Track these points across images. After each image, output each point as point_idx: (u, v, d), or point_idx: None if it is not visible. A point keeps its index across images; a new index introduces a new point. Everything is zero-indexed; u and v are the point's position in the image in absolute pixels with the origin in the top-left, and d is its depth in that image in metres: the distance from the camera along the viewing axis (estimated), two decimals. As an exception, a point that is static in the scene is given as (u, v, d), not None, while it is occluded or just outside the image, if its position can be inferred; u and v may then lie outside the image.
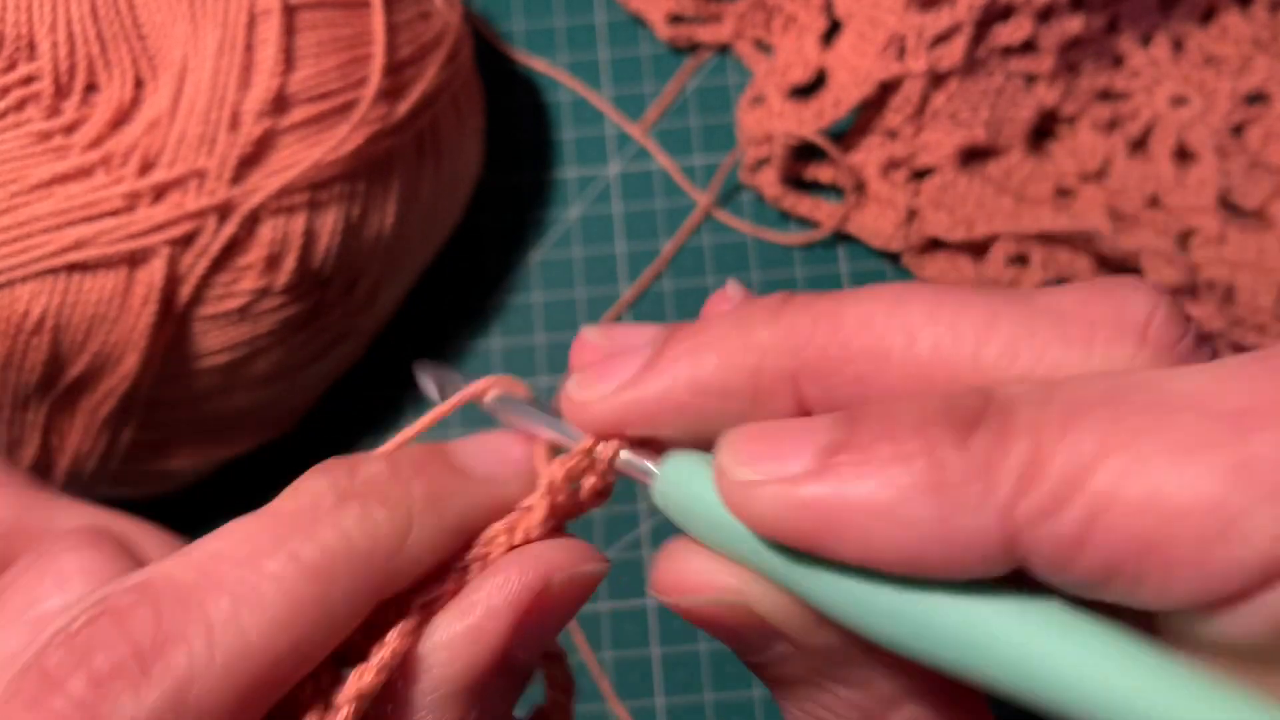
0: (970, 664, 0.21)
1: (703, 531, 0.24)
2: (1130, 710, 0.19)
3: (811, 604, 0.23)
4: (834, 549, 0.22)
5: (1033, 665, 0.20)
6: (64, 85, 0.46)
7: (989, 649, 0.21)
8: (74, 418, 0.47)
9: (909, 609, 0.21)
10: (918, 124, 0.58)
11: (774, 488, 0.22)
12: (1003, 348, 0.23)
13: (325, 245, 0.48)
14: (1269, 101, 0.58)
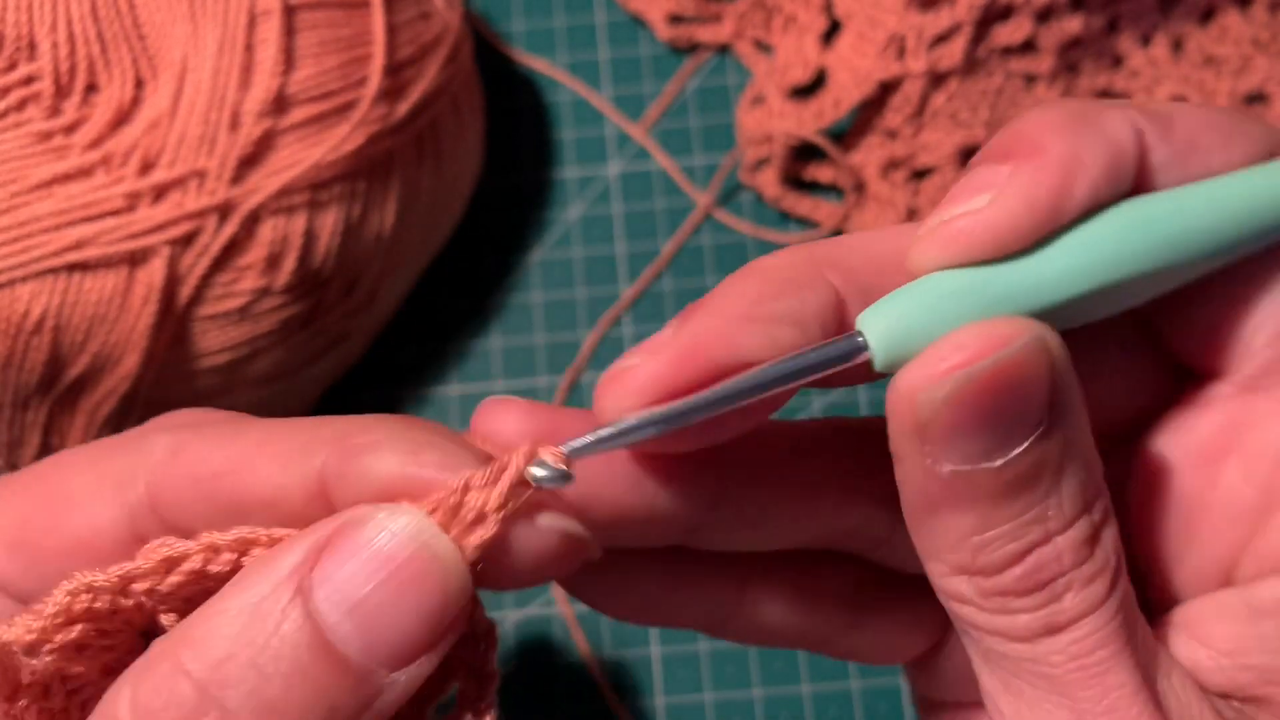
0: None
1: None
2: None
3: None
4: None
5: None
6: (64, 85, 0.46)
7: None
8: (74, 417, 0.47)
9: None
10: (917, 124, 0.58)
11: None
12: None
13: (325, 245, 0.48)
14: (1268, 102, 0.58)
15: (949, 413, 0.23)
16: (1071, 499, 0.24)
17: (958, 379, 0.23)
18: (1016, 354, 0.23)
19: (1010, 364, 0.23)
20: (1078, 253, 0.24)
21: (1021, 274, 0.24)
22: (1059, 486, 0.24)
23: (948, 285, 0.24)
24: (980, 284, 0.24)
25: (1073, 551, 0.24)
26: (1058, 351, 0.23)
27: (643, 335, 0.58)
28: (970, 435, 0.23)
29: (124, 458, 0.26)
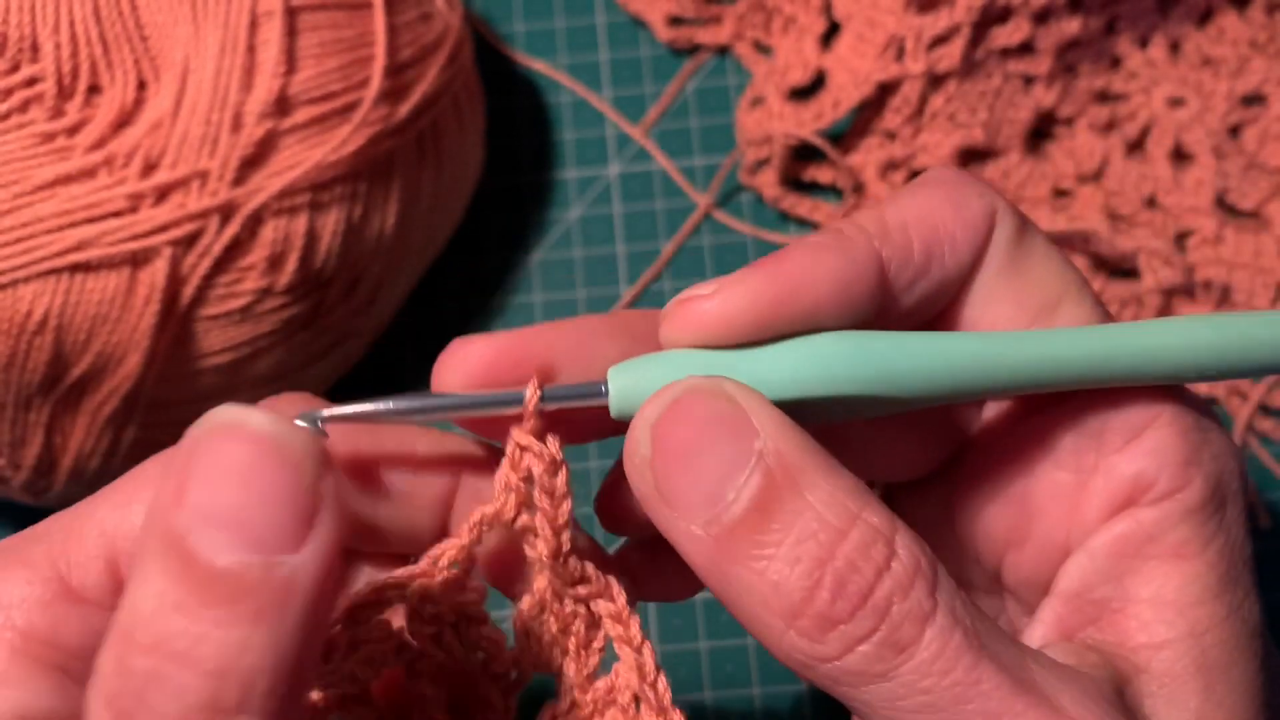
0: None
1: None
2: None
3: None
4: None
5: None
6: (67, 86, 0.46)
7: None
8: (77, 417, 0.47)
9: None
10: (916, 125, 0.58)
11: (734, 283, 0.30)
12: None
13: (327, 246, 0.48)
14: (1266, 102, 0.59)
15: (661, 475, 0.27)
16: (831, 503, 0.27)
17: (644, 444, 0.28)
18: (678, 402, 0.28)
19: (676, 413, 0.28)
20: (794, 363, 0.29)
21: (745, 365, 0.29)
22: (807, 498, 0.27)
23: (683, 360, 0.29)
24: (708, 365, 0.29)
25: (863, 554, 0.26)
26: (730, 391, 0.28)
27: (643, 335, 0.58)
28: (691, 487, 0.27)
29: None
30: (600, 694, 0.30)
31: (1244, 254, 0.56)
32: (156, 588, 0.23)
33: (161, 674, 0.23)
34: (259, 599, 0.23)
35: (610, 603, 0.30)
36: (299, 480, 0.24)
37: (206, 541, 0.23)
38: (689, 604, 0.54)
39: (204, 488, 0.24)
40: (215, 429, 0.24)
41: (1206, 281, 0.55)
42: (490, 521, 0.30)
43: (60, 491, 0.50)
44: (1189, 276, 0.55)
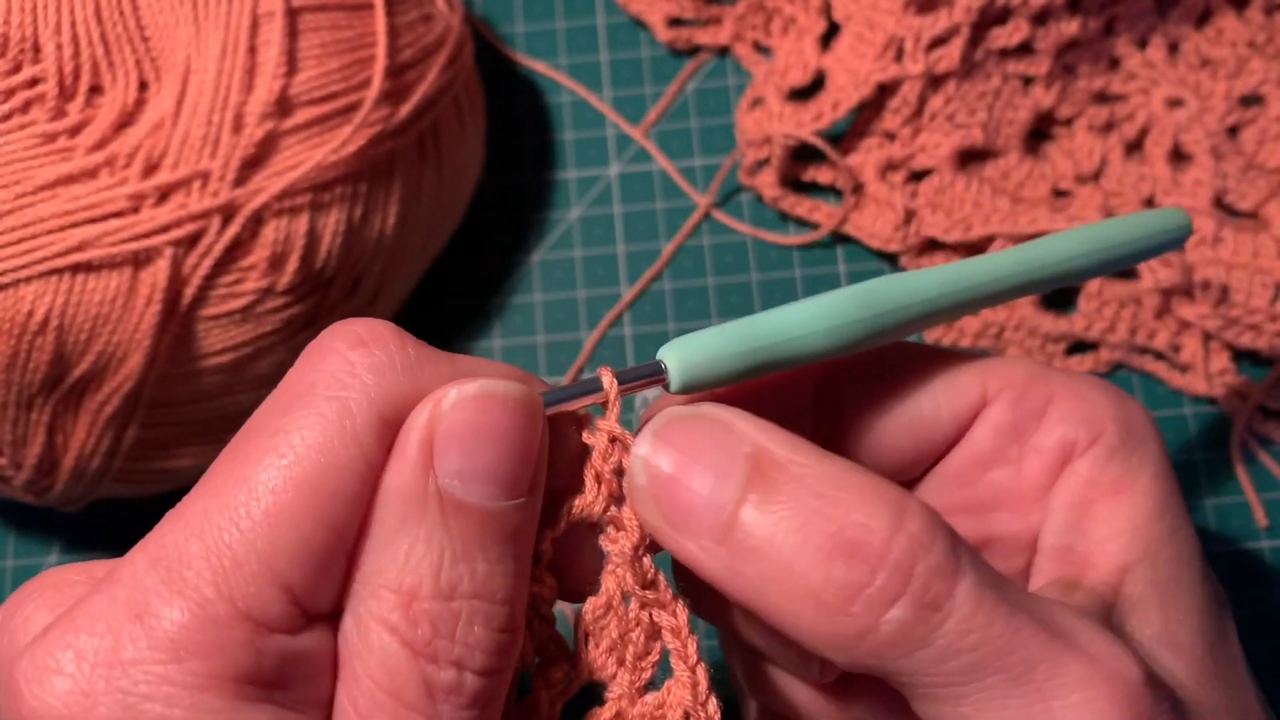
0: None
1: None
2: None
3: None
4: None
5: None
6: (68, 87, 0.46)
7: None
8: (78, 417, 0.47)
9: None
10: (915, 126, 0.58)
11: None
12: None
13: (328, 246, 0.48)
14: (1265, 103, 0.59)
15: (660, 500, 0.29)
16: (828, 483, 0.29)
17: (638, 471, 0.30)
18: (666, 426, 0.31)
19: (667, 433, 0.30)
20: (809, 313, 0.33)
21: (771, 330, 0.32)
22: (802, 484, 0.29)
23: (727, 333, 0.32)
24: (746, 332, 0.32)
25: (872, 518, 0.28)
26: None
27: (643, 335, 0.58)
28: (690, 502, 0.29)
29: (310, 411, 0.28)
30: (649, 709, 0.30)
31: (1242, 254, 0.56)
32: (437, 544, 0.27)
33: (467, 612, 0.27)
34: (518, 535, 0.28)
35: (672, 617, 0.31)
36: (537, 436, 0.29)
37: (477, 493, 0.27)
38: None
39: (465, 450, 0.27)
40: (477, 399, 0.28)
41: (1205, 281, 0.55)
42: (580, 513, 0.30)
43: (61, 491, 0.50)
44: (1187, 276, 0.55)
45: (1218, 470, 0.55)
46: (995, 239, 0.56)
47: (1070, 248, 0.37)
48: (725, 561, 0.28)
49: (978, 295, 0.35)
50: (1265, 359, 0.56)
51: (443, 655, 0.27)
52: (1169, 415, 0.56)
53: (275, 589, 0.26)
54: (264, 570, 0.26)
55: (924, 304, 0.35)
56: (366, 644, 0.27)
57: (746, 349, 0.32)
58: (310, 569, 0.26)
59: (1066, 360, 0.57)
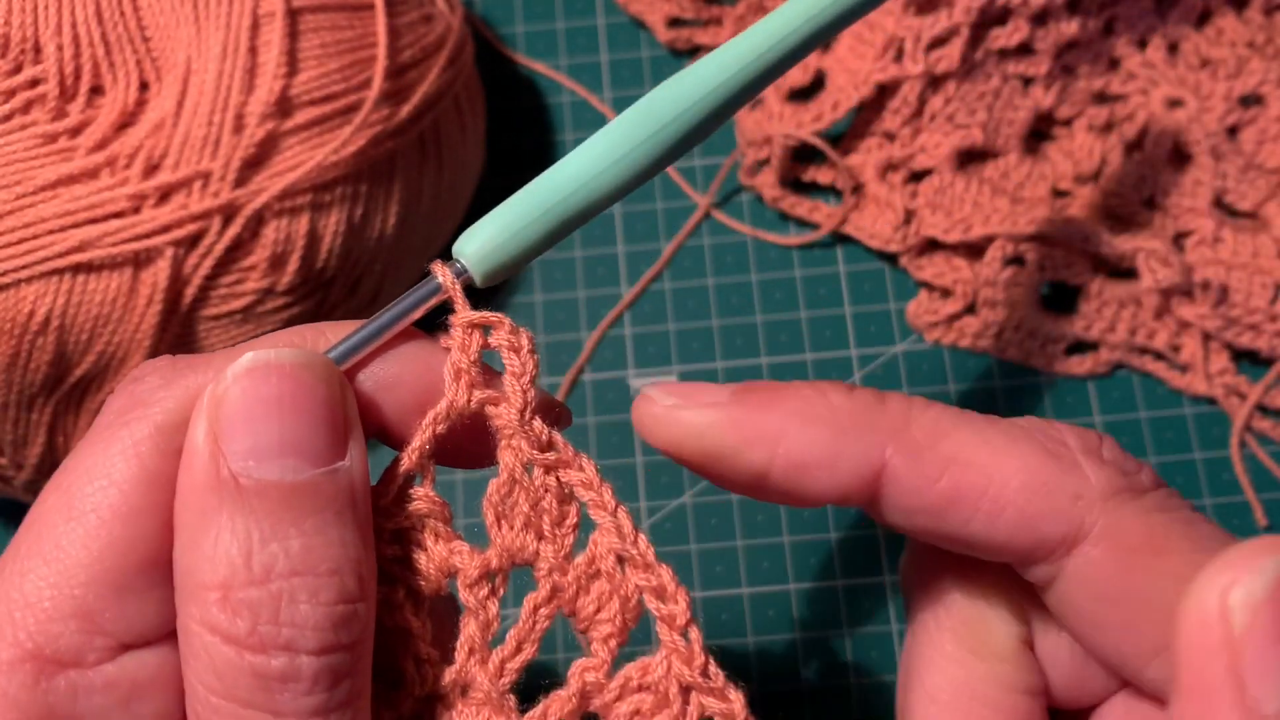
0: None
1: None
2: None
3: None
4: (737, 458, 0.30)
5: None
6: (69, 88, 0.46)
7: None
8: (79, 417, 0.48)
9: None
10: (915, 126, 0.58)
11: (691, 397, 0.30)
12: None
13: (328, 246, 0.49)
14: (1264, 103, 0.59)
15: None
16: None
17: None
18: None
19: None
20: (591, 153, 0.31)
21: (556, 187, 0.30)
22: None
23: (509, 212, 0.30)
24: (531, 202, 0.30)
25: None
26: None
27: (643, 335, 0.58)
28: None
29: (100, 438, 0.28)
30: (581, 569, 0.29)
31: (1242, 254, 0.56)
32: (241, 529, 0.25)
33: (288, 591, 0.25)
34: (335, 501, 0.26)
35: (579, 471, 0.30)
36: (331, 396, 0.27)
37: (275, 470, 0.26)
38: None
39: (249, 428, 0.26)
40: (247, 372, 0.27)
41: (1205, 282, 0.55)
42: (444, 416, 0.29)
43: (62, 491, 0.50)
44: (1187, 277, 0.55)
45: (1218, 470, 0.55)
46: (995, 239, 0.56)
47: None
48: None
49: (762, 63, 0.33)
50: (1265, 359, 0.56)
51: (269, 642, 0.25)
52: (1169, 415, 0.56)
53: (73, 620, 0.26)
54: (59, 605, 0.26)
55: (708, 96, 0.32)
56: (192, 649, 0.26)
57: (539, 214, 0.30)
58: (107, 590, 0.26)
59: (1066, 360, 0.57)
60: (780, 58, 0.33)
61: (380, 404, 0.30)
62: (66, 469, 0.27)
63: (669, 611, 0.29)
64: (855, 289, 0.59)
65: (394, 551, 0.30)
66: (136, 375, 0.29)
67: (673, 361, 0.58)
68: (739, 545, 0.55)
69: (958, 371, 0.58)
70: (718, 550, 0.55)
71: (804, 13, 0.33)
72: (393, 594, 0.29)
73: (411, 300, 0.30)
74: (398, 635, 0.29)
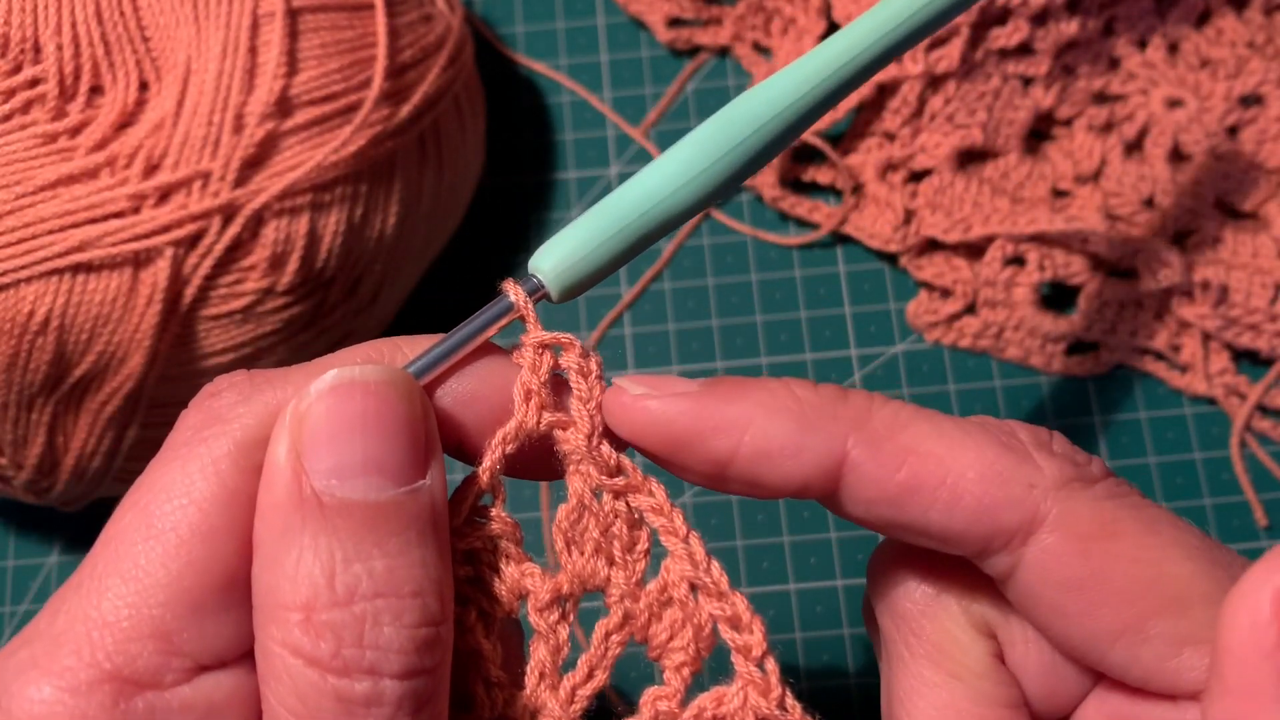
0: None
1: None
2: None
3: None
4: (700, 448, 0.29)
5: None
6: (69, 88, 0.46)
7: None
8: (79, 417, 0.48)
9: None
10: (915, 126, 0.58)
11: (664, 388, 0.30)
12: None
13: (328, 246, 0.49)
14: (1264, 103, 0.59)
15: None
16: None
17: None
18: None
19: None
20: (670, 168, 0.31)
21: (633, 201, 0.30)
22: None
23: (585, 226, 0.30)
24: (608, 217, 0.30)
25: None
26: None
27: (643, 335, 0.58)
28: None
29: (181, 453, 0.28)
30: (653, 596, 0.29)
31: (1242, 254, 0.56)
32: (325, 549, 0.25)
33: (372, 613, 0.25)
34: (418, 521, 0.26)
35: (649, 497, 0.29)
36: (413, 414, 0.27)
37: (359, 489, 0.26)
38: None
39: (332, 446, 0.26)
40: (333, 389, 0.27)
41: (1204, 281, 0.55)
42: (513, 436, 0.29)
43: (62, 491, 0.50)
44: (1187, 277, 0.55)
45: (1218, 470, 0.55)
46: (995, 239, 0.56)
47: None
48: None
49: (840, 77, 0.32)
50: (1265, 359, 0.56)
51: (354, 666, 0.25)
52: (1169, 415, 0.56)
53: (151, 641, 0.26)
54: (137, 625, 0.26)
55: (787, 109, 0.32)
56: (273, 671, 0.25)
57: (617, 229, 0.30)
58: (186, 611, 0.26)
59: (1066, 360, 0.57)
60: (854, 73, 0.33)
61: (458, 420, 0.30)
62: (143, 485, 0.27)
63: (744, 642, 0.28)
64: (855, 289, 0.59)
65: (466, 572, 0.29)
66: (213, 390, 0.29)
67: (673, 361, 0.58)
68: (739, 545, 0.55)
69: (958, 371, 0.58)
70: (718, 550, 0.55)
71: (878, 28, 0.33)
72: (465, 615, 0.29)
73: (485, 318, 0.30)
74: (469, 657, 0.29)
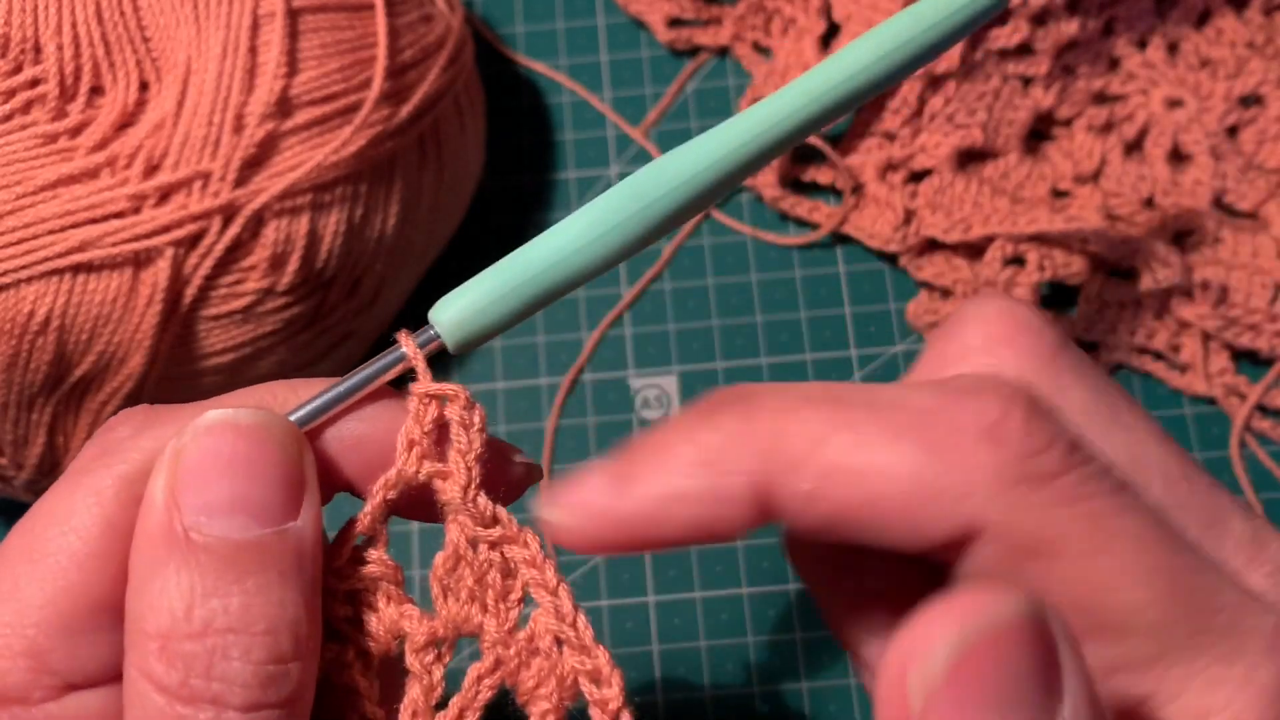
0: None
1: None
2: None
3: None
4: (645, 534, 0.28)
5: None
6: (69, 88, 0.46)
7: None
8: (79, 417, 0.48)
9: None
10: (915, 126, 0.58)
11: (583, 507, 0.28)
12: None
13: (328, 246, 0.49)
14: (1264, 103, 0.59)
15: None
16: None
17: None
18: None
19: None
20: (576, 226, 0.31)
21: (537, 259, 0.30)
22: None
23: (488, 281, 0.31)
24: (511, 271, 0.30)
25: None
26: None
27: (642, 335, 0.58)
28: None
29: (81, 479, 0.29)
30: (522, 645, 0.30)
31: (1242, 254, 0.56)
32: (185, 582, 0.26)
33: (222, 647, 0.26)
34: (280, 562, 0.27)
35: (524, 548, 0.30)
36: (286, 456, 0.28)
37: (222, 527, 0.27)
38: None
39: (202, 484, 0.27)
40: (206, 429, 0.28)
41: (1204, 282, 0.55)
42: (394, 483, 0.30)
43: (62, 491, 0.50)
44: (1187, 277, 0.55)
45: (1217, 470, 0.55)
46: (995, 239, 0.56)
47: (869, 51, 0.32)
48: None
49: (769, 140, 0.31)
50: (1265, 359, 0.56)
51: (199, 695, 0.26)
52: (1169, 415, 0.56)
53: (22, 659, 0.27)
54: (9, 643, 0.27)
55: (707, 170, 0.31)
56: (130, 695, 0.26)
57: (516, 285, 0.30)
58: (57, 632, 0.27)
59: (1066, 360, 0.57)
60: (783, 138, 0.32)
61: (345, 463, 0.31)
62: (35, 512, 0.28)
63: (602, 696, 0.29)
64: (855, 289, 0.59)
65: (346, 612, 0.30)
66: (111, 424, 0.30)
67: (673, 361, 0.58)
68: (739, 545, 0.55)
69: (958, 371, 0.58)
70: (717, 551, 0.55)
71: (801, 97, 0.32)
72: (343, 653, 0.30)
73: (377, 367, 0.31)
74: (346, 694, 0.30)
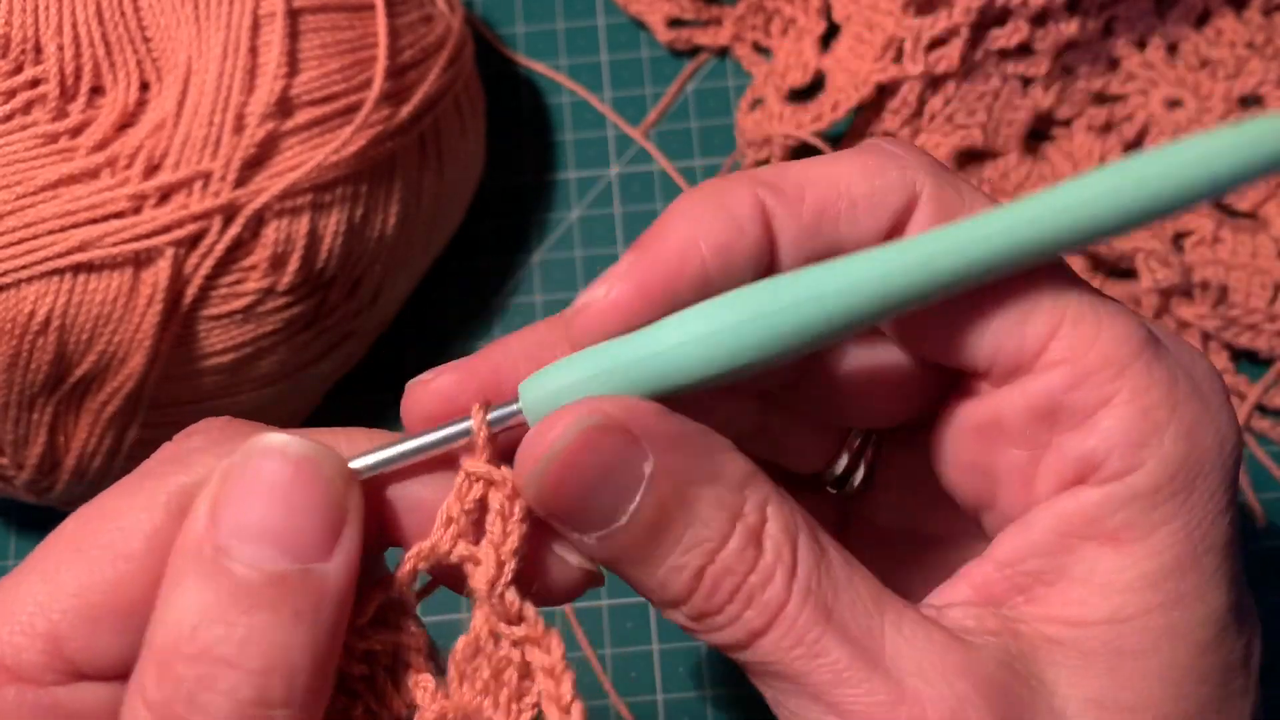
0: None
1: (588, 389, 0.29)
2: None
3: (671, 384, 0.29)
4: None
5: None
6: (70, 88, 0.46)
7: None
8: (79, 417, 0.48)
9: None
10: (915, 127, 0.58)
11: (614, 276, 0.29)
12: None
13: (328, 246, 0.49)
14: (1264, 104, 0.59)
15: (553, 496, 0.28)
16: (712, 517, 0.28)
17: (538, 470, 0.28)
18: (574, 440, 0.27)
19: (572, 449, 0.27)
20: (690, 340, 0.28)
21: (643, 347, 0.28)
22: (693, 513, 0.28)
23: (588, 360, 0.29)
24: (611, 361, 0.28)
25: (738, 558, 0.28)
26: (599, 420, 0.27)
27: (643, 336, 0.58)
28: (585, 510, 0.28)
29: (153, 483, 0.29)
30: None
31: (1241, 254, 0.56)
32: (199, 601, 0.26)
33: (211, 676, 0.25)
34: (297, 602, 0.26)
35: (546, 654, 0.29)
36: (330, 495, 0.27)
37: (249, 554, 0.26)
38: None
39: (240, 506, 0.26)
40: (257, 452, 0.27)
41: (1204, 282, 0.55)
42: (425, 557, 0.29)
43: (63, 491, 0.50)
44: (1186, 277, 0.55)
45: (1217, 470, 0.55)
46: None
47: (1110, 196, 0.28)
48: (603, 558, 0.29)
49: (950, 279, 0.28)
50: (1264, 359, 0.56)
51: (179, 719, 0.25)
52: (1168, 415, 0.56)
53: (41, 640, 0.27)
54: (34, 619, 0.27)
55: (868, 294, 0.28)
56: (125, 700, 0.26)
57: (609, 374, 0.28)
58: (81, 621, 0.27)
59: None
60: (972, 274, 0.28)
61: (404, 522, 0.30)
62: (95, 503, 0.28)
63: None
64: (855, 289, 0.59)
65: (361, 670, 0.30)
66: (189, 431, 0.30)
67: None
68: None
69: (957, 371, 0.58)
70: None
71: (1033, 233, 0.28)
72: (352, 707, 0.29)
73: (443, 435, 0.30)
74: None
